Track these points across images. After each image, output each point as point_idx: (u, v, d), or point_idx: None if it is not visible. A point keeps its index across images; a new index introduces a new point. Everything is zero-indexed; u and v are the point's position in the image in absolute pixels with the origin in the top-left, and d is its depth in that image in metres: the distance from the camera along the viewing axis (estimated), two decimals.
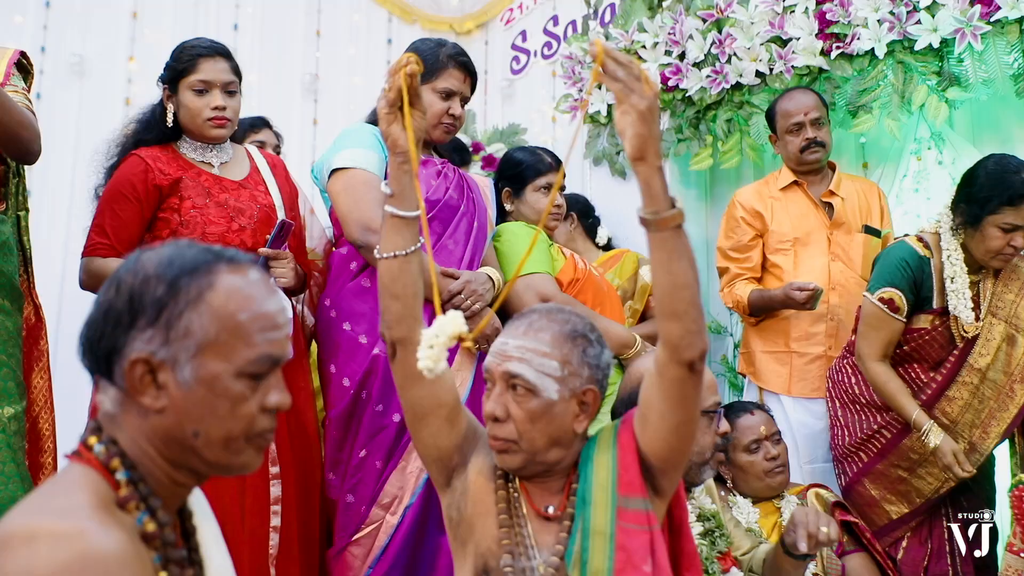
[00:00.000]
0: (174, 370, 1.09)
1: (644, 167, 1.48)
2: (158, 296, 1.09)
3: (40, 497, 1.05)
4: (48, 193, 4.07)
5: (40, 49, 4.08)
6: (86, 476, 1.08)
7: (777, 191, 3.40)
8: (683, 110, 3.90)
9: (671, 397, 1.57)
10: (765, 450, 2.61)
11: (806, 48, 3.52)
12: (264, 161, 2.80)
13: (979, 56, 3.18)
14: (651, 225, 1.50)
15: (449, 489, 1.73)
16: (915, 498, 2.85)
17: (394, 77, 1.62)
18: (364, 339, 2.52)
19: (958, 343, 2.80)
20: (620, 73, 1.44)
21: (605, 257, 3.56)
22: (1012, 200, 2.63)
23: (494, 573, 1.60)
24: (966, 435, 2.77)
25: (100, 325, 1.11)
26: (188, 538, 1.20)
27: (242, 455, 1.14)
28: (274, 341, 1.14)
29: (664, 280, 1.52)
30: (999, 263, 2.74)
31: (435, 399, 1.69)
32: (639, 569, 1.54)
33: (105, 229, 2.53)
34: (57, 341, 3.98)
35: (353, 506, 2.48)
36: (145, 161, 2.55)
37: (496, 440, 1.64)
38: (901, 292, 2.81)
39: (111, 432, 1.12)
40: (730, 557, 2.16)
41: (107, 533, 0.98)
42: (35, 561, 0.93)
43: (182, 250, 1.14)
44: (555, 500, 1.68)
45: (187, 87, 2.60)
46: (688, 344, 1.52)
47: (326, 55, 4.81)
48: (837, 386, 3.05)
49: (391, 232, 1.67)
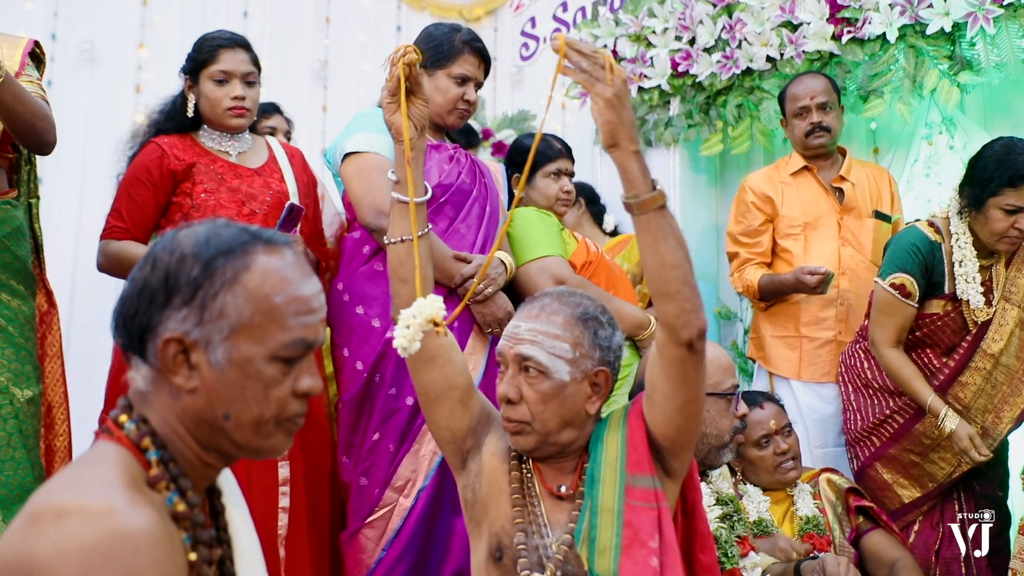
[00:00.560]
0: (207, 351, 1.08)
1: (618, 152, 1.50)
2: (193, 276, 1.08)
3: (70, 474, 1.05)
4: (59, 180, 4.08)
5: (51, 36, 4.09)
6: (117, 454, 1.07)
7: (787, 176, 3.39)
8: (693, 96, 3.90)
9: (673, 377, 1.59)
10: (775, 445, 2.57)
11: (817, 33, 3.51)
12: (282, 151, 2.86)
13: (991, 40, 3.16)
14: (633, 209, 1.52)
15: (464, 471, 1.76)
16: (928, 482, 2.85)
17: (393, 67, 1.66)
18: (377, 323, 2.53)
19: (971, 328, 2.80)
20: (584, 64, 1.46)
21: (613, 243, 3.56)
22: (1013, 181, 2.63)
23: (508, 551, 1.63)
24: (979, 420, 2.78)
25: (135, 302, 1.10)
26: (216, 517, 1.20)
27: (272, 439, 1.13)
28: (308, 325, 1.13)
29: (653, 262, 1.53)
30: (1006, 246, 2.73)
31: (447, 382, 1.72)
32: (646, 545, 1.56)
33: (121, 213, 2.60)
34: (70, 327, 4.01)
35: (366, 489, 2.49)
36: (161, 147, 2.62)
37: (510, 422, 1.67)
38: (912, 277, 2.80)
39: (142, 410, 1.11)
40: (748, 542, 2.16)
41: (137, 511, 0.98)
42: (65, 538, 0.93)
43: (219, 229, 1.13)
44: (568, 480, 1.70)
45: (208, 77, 2.67)
46: (684, 323, 1.53)
47: (335, 42, 4.81)
48: (850, 371, 3.05)
49: (398, 218, 1.74)
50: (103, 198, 2.91)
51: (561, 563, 1.59)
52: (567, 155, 3.06)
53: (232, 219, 2.50)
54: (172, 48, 4.36)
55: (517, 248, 2.74)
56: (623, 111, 1.47)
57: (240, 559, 1.16)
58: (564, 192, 3.02)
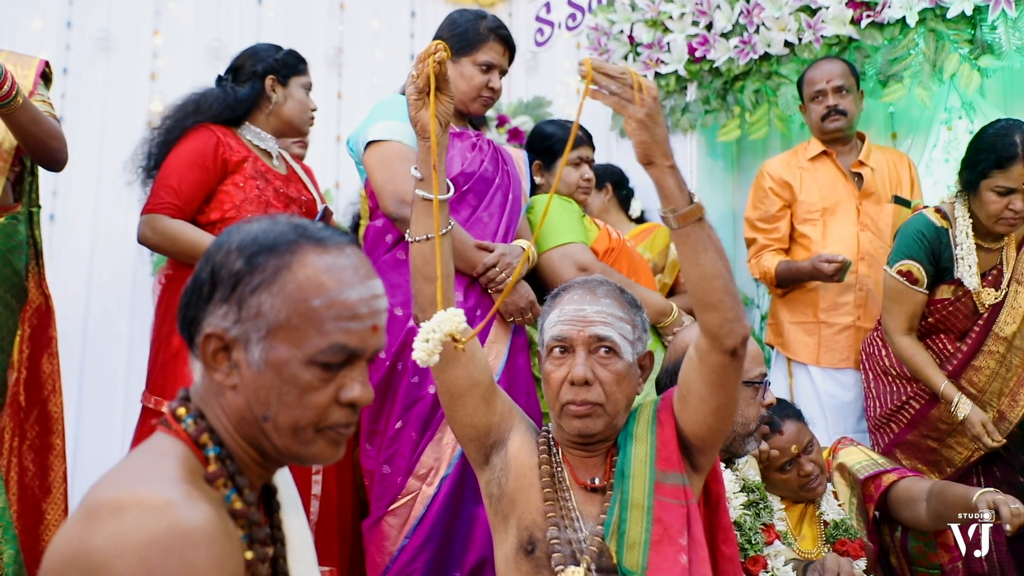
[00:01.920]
0: (246, 349, 1.06)
1: (653, 170, 1.51)
2: (235, 271, 1.06)
3: (128, 466, 1.05)
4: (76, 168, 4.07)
5: (66, 24, 4.08)
6: (175, 448, 1.06)
7: (806, 161, 3.38)
8: (710, 81, 3.88)
9: (712, 382, 1.60)
10: (799, 467, 2.41)
11: (836, 17, 3.49)
12: (297, 165, 2.99)
13: (1013, 23, 3.14)
14: (671, 222, 1.53)
15: (488, 466, 1.75)
16: (945, 467, 2.85)
17: (422, 64, 1.62)
18: (400, 311, 2.53)
19: (981, 312, 2.80)
20: (613, 87, 1.46)
21: (637, 230, 3.56)
22: (1000, 163, 2.67)
23: (540, 545, 1.63)
24: (994, 404, 2.78)
25: (188, 295, 1.10)
26: (271, 515, 1.19)
27: (312, 446, 1.09)
28: (351, 331, 1.08)
29: (694, 273, 1.54)
30: (1003, 228, 2.75)
31: (471, 379, 1.71)
32: (675, 542, 1.57)
33: (179, 191, 2.61)
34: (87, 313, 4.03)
35: (389, 477, 2.50)
36: (216, 135, 2.68)
37: (582, 405, 1.66)
38: (919, 264, 2.82)
39: (199, 405, 1.11)
40: (773, 530, 2.17)
41: (195, 507, 0.97)
42: (123, 533, 0.93)
43: (271, 225, 1.10)
44: (599, 473, 1.71)
45: (300, 85, 2.87)
46: (728, 332, 1.54)
47: (350, 28, 4.79)
48: (870, 358, 3.05)
49: (422, 215, 1.70)
50: (119, 185, 2.91)
51: (596, 556, 1.60)
52: (588, 142, 3.06)
53: None
54: (187, 36, 4.35)
55: (539, 235, 2.74)
56: (656, 129, 1.48)
57: (293, 558, 1.15)
58: (584, 180, 3.02)
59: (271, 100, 2.79)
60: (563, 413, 1.69)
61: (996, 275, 2.80)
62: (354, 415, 1.12)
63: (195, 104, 2.71)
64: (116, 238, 4.10)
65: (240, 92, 2.74)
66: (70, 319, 4.02)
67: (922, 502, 2.37)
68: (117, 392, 4.01)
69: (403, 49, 4.80)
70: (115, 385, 4.03)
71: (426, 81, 1.62)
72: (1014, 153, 2.66)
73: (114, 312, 4.10)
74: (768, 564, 2.07)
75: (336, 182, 4.53)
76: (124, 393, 3.98)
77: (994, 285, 2.80)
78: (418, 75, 1.62)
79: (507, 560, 1.69)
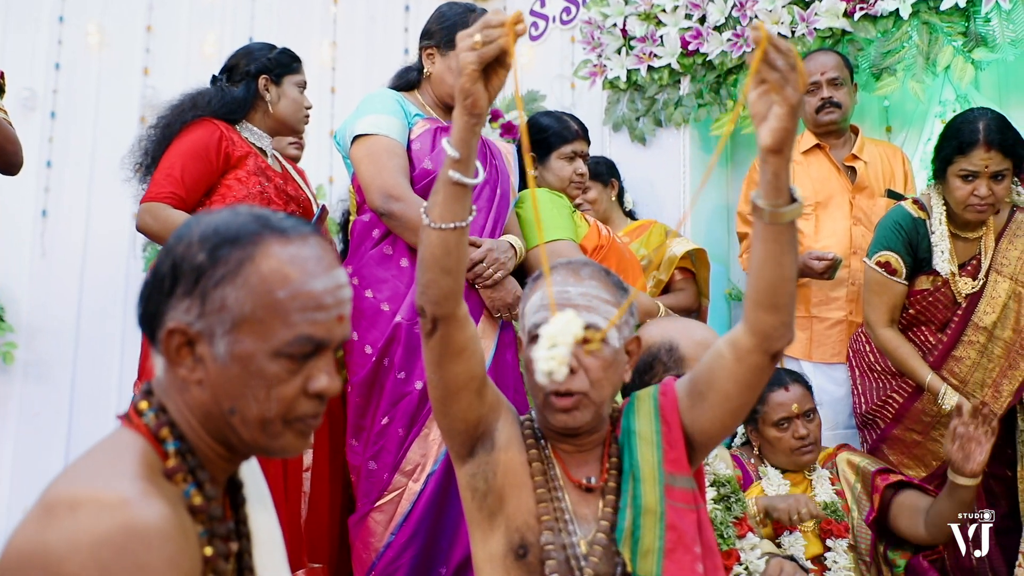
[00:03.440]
0: (211, 344, 1.05)
1: (779, 159, 1.40)
2: (197, 263, 1.05)
3: (88, 461, 1.04)
4: (69, 161, 4.09)
5: (58, 19, 4.08)
6: (135, 443, 1.05)
7: (799, 155, 3.37)
8: (704, 74, 3.86)
9: (744, 383, 1.55)
10: (794, 428, 2.57)
11: (829, 10, 3.47)
12: (289, 166, 2.99)
13: (1007, 15, 3.13)
14: (770, 217, 1.44)
15: (472, 459, 1.65)
16: (931, 460, 2.85)
17: (497, 31, 1.40)
18: (386, 307, 2.52)
19: (959, 301, 2.80)
20: (779, 62, 1.34)
21: (632, 226, 3.54)
22: (962, 148, 2.71)
23: (533, 549, 1.55)
24: (977, 395, 2.77)
25: (148, 289, 1.08)
26: (236, 510, 1.17)
27: (280, 438, 1.09)
28: (317, 322, 1.07)
29: (773, 273, 1.47)
30: (972, 214, 2.76)
31: (469, 374, 1.60)
32: (690, 550, 1.52)
33: (181, 179, 2.60)
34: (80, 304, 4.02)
35: (376, 473, 2.50)
36: (220, 129, 2.67)
37: (567, 396, 1.56)
38: (897, 254, 2.83)
39: (161, 399, 1.10)
40: (746, 523, 2.16)
41: (150, 504, 0.96)
42: (77, 530, 0.93)
43: (233, 216, 1.09)
44: (593, 470, 1.64)
45: (294, 83, 2.86)
46: (780, 336, 1.50)
47: (344, 23, 4.78)
48: (857, 354, 3.05)
49: (452, 201, 1.50)
50: (112, 181, 2.91)
51: (594, 564, 1.53)
52: (583, 137, 3.03)
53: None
54: (180, 30, 4.35)
55: (528, 231, 2.72)
56: (798, 118, 1.40)
57: (259, 552, 1.14)
58: (578, 175, 2.98)
59: (265, 100, 2.79)
60: (547, 405, 1.60)
61: (975, 265, 2.81)
62: (321, 406, 1.11)
63: (192, 101, 2.70)
64: (109, 233, 4.11)
65: (234, 92, 2.75)
66: (63, 315, 4.03)
67: (923, 514, 2.50)
68: (110, 388, 4.01)
69: (397, 44, 4.78)
70: (108, 381, 4.03)
71: (496, 52, 1.40)
72: (975, 139, 2.69)
73: (107, 308, 4.10)
74: (741, 557, 2.06)
75: (330, 177, 4.53)
76: (117, 389, 3.99)
77: (972, 275, 2.80)
78: (485, 43, 1.40)
79: (493, 560, 1.60)
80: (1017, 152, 2.70)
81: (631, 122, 4.11)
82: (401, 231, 2.50)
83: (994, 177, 2.70)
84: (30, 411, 3.96)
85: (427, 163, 2.57)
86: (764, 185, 1.43)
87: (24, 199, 3.96)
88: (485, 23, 1.41)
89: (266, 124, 2.83)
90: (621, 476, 1.61)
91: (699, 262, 3.44)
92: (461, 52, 1.40)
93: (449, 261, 1.51)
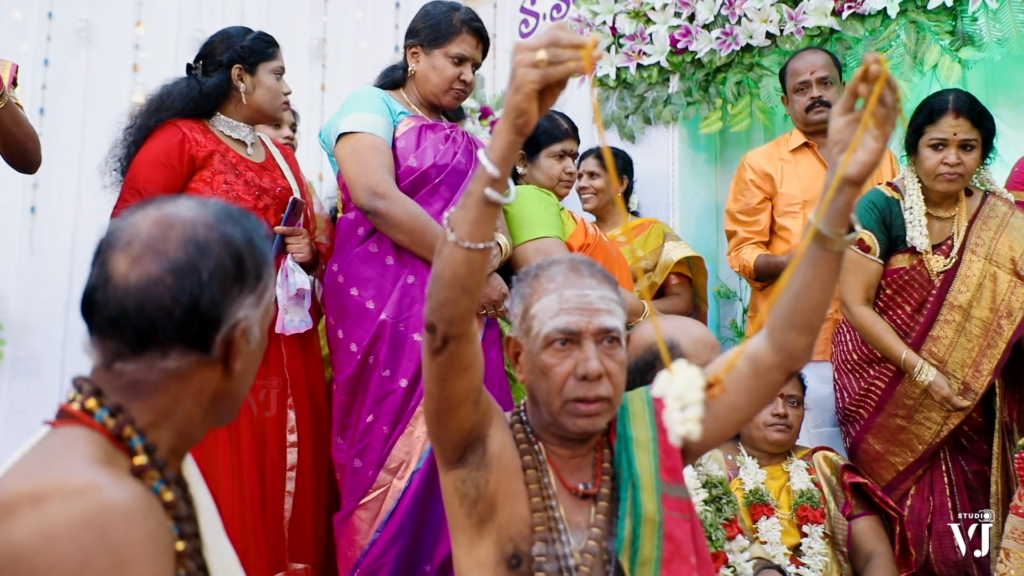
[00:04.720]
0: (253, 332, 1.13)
1: (855, 191, 1.42)
2: (258, 263, 1.13)
3: (33, 460, 0.99)
4: (58, 160, 4.07)
5: (47, 15, 4.06)
6: (88, 438, 1.02)
7: (787, 153, 3.38)
8: (692, 73, 3.87)
9: (756, 395, 1.57)
10: (775, 406, 2.66)
11: (817, 8, 3.48)
12: (276, 148, 2.90)
13: (994, 15, 3.14)
14: (830, 244, 1.45)
15: (462, 465, 1.59)
16: (916, 445, 2.84)
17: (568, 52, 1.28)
18: (371, 304, 2.52)
19: (934, 280, 2.81)
20: (889, 99, 1.34)
21: (632, 224, 3.54)
22: (932, 116, 2.77)
23: (526, 559, 1.52)
24: (959, 375, 2.77)
25: (199, 290, 1.05)
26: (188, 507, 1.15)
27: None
28: None
29: (821, 297, 1.48)
30: (942, 185, 2.79)
31: (471, 386, 1.54)
32: (687, 561, 1.51)
33: (143, 191, 2.53)
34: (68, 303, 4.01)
35: (360, 470, 2.50)
36: (182, 131, 2.60)
37: (594, 402, 1.53)
38: (871, 231, 2.86)
39: (119, 399, 1.06)
40: (736, 524, 2.17)
41: (122, 485, 0.93)
42: (48, 521, 0.88)
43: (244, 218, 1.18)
44: (586, 476, 1.61)
45: (269, 71, 2.73)
46: (804, 357, 1.53)
47: (333, 19, 4.78)
48: (837, 346, 3.07)
49: (484, 221, 1.39)
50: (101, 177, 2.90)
51: (585, 573, 1.51)
52: (573, 135, 3.03)
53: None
54: (170, 26, 4.33)
55: (515, 227, 2.72)
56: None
57: (209, 550, 1.13)
58: (567, 173, 2.98)
59: (239, 90, 2.70)
60: (565, 411, 1.54)
61: (949, 245, 2.84)
62: None
63: (159, 101, 2.65)
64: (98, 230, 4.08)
65: (206, 84, 2.67)
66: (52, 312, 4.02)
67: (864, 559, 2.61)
68: None
69: (387, 40, 4.78)
70: None
71: (563, 76, 1.29)
72: (944, 107, 2.75)
73: None
74: (729, 559, 2.06)
75: (320, 174, 4.52)
76: None
77: (946, 255, 2.82)
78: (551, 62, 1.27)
79: (482, 568, 1.56)
80: (985, 124, 2.76)
81: (620, 120, 4.12)
82: (386, 228, 2.50)
83: (963, 147, 2.75)
84: (18, 408, 3.95)
85: (412, 161, 2.57)
86: (833, 213, 1.42)
87: (12, 195, 3.94)
88: (554, 40, 1.27)
89: (241, 114, 2.73)
90: (615, 482, 1.59)
91: (697, 269, 3.44)
92: (520, 66, 1.27)
93: (472, 281, 1.43)
